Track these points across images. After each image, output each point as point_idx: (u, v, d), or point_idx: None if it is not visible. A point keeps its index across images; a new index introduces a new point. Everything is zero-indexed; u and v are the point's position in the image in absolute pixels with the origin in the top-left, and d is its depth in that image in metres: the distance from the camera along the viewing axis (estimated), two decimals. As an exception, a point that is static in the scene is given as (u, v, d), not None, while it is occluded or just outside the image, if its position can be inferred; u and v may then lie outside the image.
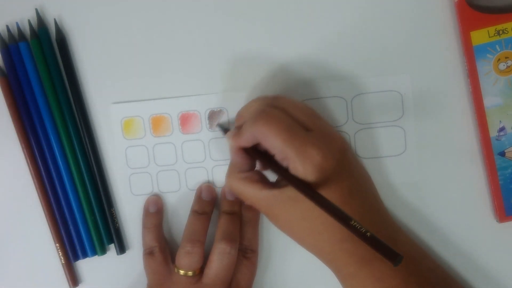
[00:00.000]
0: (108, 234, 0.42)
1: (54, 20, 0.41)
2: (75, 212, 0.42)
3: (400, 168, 0.40)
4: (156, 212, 0.41)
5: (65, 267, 0.42)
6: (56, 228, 0.42)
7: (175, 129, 0.41)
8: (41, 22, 0.41)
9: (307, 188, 0.32)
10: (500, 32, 0.37)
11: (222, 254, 0.38)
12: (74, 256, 0.42)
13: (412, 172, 0.40)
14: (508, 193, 0.38)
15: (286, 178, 0.34)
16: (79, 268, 0.43)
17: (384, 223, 0.36)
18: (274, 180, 0.38)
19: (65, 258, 0.42)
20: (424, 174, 0.40)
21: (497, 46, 0.37)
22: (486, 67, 0.37)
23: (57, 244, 0.42)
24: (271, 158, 0.35)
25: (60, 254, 0.42)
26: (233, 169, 0.37)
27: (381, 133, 0.40)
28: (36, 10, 0.41)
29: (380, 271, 0.34)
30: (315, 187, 0.33)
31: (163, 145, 0.42)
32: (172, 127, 0.41)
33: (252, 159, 0.37)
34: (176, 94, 0.41)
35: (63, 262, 0.42)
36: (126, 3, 0.41)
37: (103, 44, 0.41)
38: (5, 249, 0.44)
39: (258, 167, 0.38)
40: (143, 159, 0.42)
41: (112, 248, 0.43)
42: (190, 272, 0.39)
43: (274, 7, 0.40)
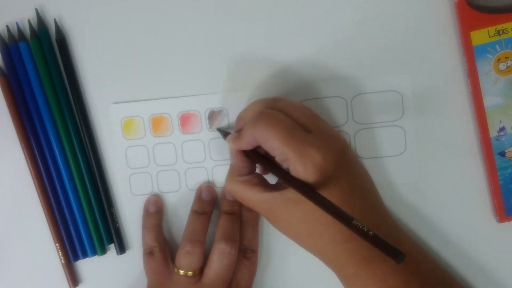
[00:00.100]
0: (108, 234, 0.42)
1: (54, 20, 0.41)
2: (75, 212, 0.42)
3: (400, 168, 0.40)
4: (156, 212, 0.41)
5: (65, 267, 0.42)
6: (56, 228, 0.42)
7: (175, 129, 0.41)
8: (41, 22, 0.41)
9: (308, 190, 0.32)
10: (500, 32, 0.37)
11: (222, 254, 0.38)
12: (74, 256, 0.42)
13: (412, 172, 0.40)
14: (508, 193, 0.38)
15: (286, 180, 0.34)
16: (79, 268, 0.44)
17: (385, 222, 0.36)
18: (273, 183, 0.38)
19: (65, 258, 0.42)
20: (424, 174, 0.40)
21: (497, 46, 0.37)
22: (486, 67, 0.37)
23: (57, 244, 0.42)
24: (271, 161, 0.35)
25: (60, 254, 0.42)
26: (232, 172, 0.37)
27: (381, 133, 0.40)
28: (36, 10, 0.41)
29: (382, 271, 0.34)
30: (315, 187, 0.33)
31: (163, 145, 0.42)
32: (172, 127, 0.41)
33: (252, 162, 0.37)
34: (176, 94, 0.41)
35: (63, 262, 0.42)
36: (126, 3, 0.41)
37: (103, 44, 0.41)
38: (5, 249, 0.44)
39: (258, 170, 0.38)
40: (143, 159, 0.42)
41: (112, 248, 0.43)
42: (190, 272, 0.39)
43: (274, 8, 0.40)
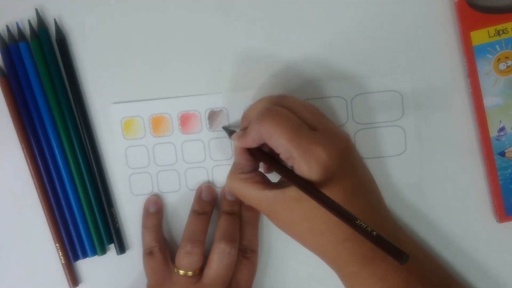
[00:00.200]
0: (108, 234, 0.42)
1: (54, 20, 0.41)
2: (75, 212, 0.42)
3: (400, 168, 0.40)
4: (156, 212, 0.41)
5: (65, 267, 0.42)
6: (56, 228, 0.42)
7: (175, 129, 0.41)
8: (41, 22, 0.41)
9: (311, 188, 0.32)
10: (500, 32, 0.37)
11: (222, 254, 0.38)
12: (74, 256, 0.42)
13: (412, 172, 0.40)
14: (508, 193, 0.38)
15: (290, 178, 0.33)
16: (79, 268, 0.44)
17: (386, 222, 0.36)
18: (275, 182, 0.38)
19: (65, 258, 0.42)
20: (424, 174, 0.40)
21: (497, 46, 0.37)
22: (486, 67, 0.37)
23: (57, 244, 0.42)
24: (275, 159, 0.35)
25: (60, 254, 0.42)
26: (235, 170, 0.37)
27: (381, 133, 0.40)
28: (36, 10, 0.41)
29: (383, 270, 0.34)
30: (319, 186, 0.32)
31: (163, 145, 0.42)
32: (172, 127, 0.41)
33: (256, 160, 0.37)
34: (176, 94, 0.41)
35: (63, 262, 0.42)
36: (126, 3, 0.41)
37: (103, 44, 0.41)
38: (5, 249, 0.44)
39: (262, 169, 0.38)
40: (143, 159, 0.42)
41: (112, 248, 0.43)
42: (190, 272, 0.39)
43: (274, 7, 0.40)
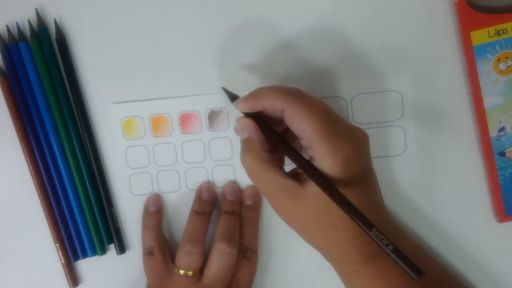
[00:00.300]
0: (108, 234, 0.42)
1: (54, 20, 0.41)
2: (75, 212, 0.42)
3: (400, 168, 0.40)
4: (156, 212, 0.41)
5: (65, 267, 0.42)
6: (56, 228, 0.42)
7: (175, 129, 0.41)
8: (41, 22, 0.41)
9: (330, 187, 0.31)
10: (500, 32, 0.37)
11: (222, 254, 0.38)
12: (74, 256, 0.42)
13: (412, 172, 0.40)
14: (508, 193, 0.38)
15: (308, 172, 0.31)
16: (79, 268, 0.43)
17: (387, 222, 0.36)
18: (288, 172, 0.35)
19: (65, 258, 0.42)
20: (424, 174, 0.40)
21: (497, 46, 0.37)
22: (486, 67, 0.37)
23: (57, 244, 0.42)
24: (292, 147, 0.33)
25: (60, 254, 0.42)
26: (253, 147, 0.33)
27: (381, 133, 0.40)
28: (36, 10, 0.41)
29: (383, 269, 0.34)
30: (339, 183, 0.31)
31: (163, 145, 0.42)
32: (172, 127, 0.41)
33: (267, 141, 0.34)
34: (176, 94, 0.41)
35: (63, 262, 0.42)
36: (126, 3, 0.41)
37: (103, 44, 0.41)
38: (5, 249, 0.44)
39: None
40: (143, 159, 0.42)
41: (112, 248, 0.43)
42: (190, 272, 0.39)
43: (274, 8, 0.40)
